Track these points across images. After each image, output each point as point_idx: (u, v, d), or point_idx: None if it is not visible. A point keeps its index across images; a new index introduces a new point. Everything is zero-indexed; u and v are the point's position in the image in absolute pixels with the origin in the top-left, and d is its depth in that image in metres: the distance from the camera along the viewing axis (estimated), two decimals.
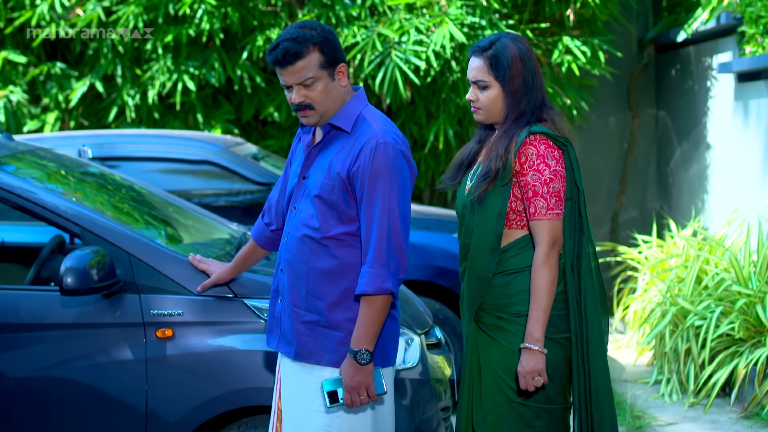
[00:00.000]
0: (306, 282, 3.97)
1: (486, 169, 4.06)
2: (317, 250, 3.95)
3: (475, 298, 4.13)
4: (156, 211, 5.52)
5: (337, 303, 3.96)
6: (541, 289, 3.99)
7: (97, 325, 4.61)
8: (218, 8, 8.96)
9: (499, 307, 4.09)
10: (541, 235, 4.03)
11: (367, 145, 3.89)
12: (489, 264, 4.09)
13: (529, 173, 4.04)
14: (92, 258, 4.49)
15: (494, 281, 4.10)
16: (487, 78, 4.12)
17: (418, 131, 9.47)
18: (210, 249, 5.12)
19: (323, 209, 3.94)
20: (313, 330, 3.97)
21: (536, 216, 4.03)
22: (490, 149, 4.10)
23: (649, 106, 11.18)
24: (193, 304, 4.60)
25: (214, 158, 7.37)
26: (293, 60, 3.85)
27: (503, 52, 4.10)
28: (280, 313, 4.05)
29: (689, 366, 7.28)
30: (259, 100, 9.53)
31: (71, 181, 5.40)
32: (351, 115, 3.98)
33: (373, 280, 3.84)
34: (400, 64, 8.48)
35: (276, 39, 3.91)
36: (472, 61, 4.13)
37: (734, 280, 7.31)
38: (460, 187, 4.25)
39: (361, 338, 3.87)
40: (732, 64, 8.58)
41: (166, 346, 4.59)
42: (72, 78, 9.67)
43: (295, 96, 3.91)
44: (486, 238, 4.09)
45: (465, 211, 4.15)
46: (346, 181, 3.91)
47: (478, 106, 4.15)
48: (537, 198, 4.03)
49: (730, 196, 9.02)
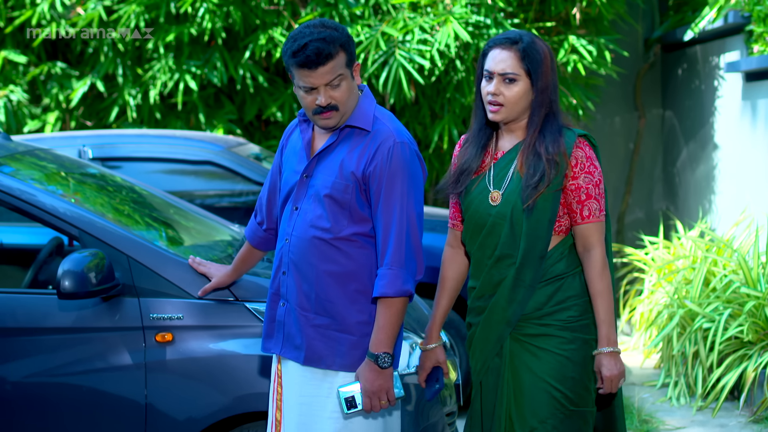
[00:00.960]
0: (315, 285, 3.89)
1: (539, 175, 3.86)
2: (327, 251, 3.87)
3: (516, 311, 3.94)
4: (157, 212, 5.46)
5: (348, 305, 3.89)
6: (607, 291, 3.90)
7: (96, 329, 4.56)
8: (220, 7, 8.91)
9: (544, 315, 3.93)
10: (595, 237, 3.93)
11: (384, 145, 3.83)
12: (537, 273, 3.92)
13: (581, 176, 3.91)
14: (90, 261, 4.43)
15: (537, 289, 3.95)
16: (517, 71, 3.89)
17: (423, 131, 9.42)
18: (211, 251, 5.06)
19: (334, 209, 3.86)
20: (324, 334, 3.89)
21: (590, 219, 3.92)
22: (529, 154, 3.89)
23: (655, 106, 11.14)
24: (193, 307, 4.54)
25: (216, 159, 7.32)
26: (326, 61, 3.76)
27: (534, 46, 3.90)
28: (284, 317, 3.96)
29: (697, 369, 7.23)
30: (262, 99, 9.47)
31: (71, 183, 5.35)
32: (367, 114, 3.90)
33: (394, 282, 3.79)
34: (404, 64, 8.44)
35: (297, 40, 3.78)
36: (499, 53, 3.90)
37: (743, 282, 7.25)
38: (476, 197, 3.98)
39: (381, 341, 3.80)
40: (740, 63, 8.52)
41: (166, 350, 4.53)
42: (73, 78, 9.62)
43: (323, 98, 3.80)
44: (537, 246, 3.91)
45: (499, 220, 3.93)
46: (360, 180, 3.84)
47: (500, 102, 3.89)
48: (591, 200, 3.92)
49: (738, 197, 8.96)
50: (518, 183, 3.91)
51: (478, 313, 4.04)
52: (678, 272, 8.02)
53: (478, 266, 4.02)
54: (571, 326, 3.92)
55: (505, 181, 3.95)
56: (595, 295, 3.92)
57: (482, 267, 4.00)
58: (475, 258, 4.04)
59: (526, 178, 3.88)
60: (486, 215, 3.96)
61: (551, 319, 3.93)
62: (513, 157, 3.96)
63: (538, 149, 3.89)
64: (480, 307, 4.04)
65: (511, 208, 3.91)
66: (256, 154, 7.71)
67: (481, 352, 4.03)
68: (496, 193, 3.95)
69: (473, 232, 4.01)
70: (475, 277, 4.05)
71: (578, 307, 3.94)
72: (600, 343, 3.92)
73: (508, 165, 3.96)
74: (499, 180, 3.95)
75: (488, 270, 3.97)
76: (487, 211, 3.96)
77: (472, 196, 3.99)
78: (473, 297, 4.06)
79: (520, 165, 3.92)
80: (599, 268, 3.91)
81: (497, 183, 3.96)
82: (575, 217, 3.93)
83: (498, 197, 3.95)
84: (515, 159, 3.95)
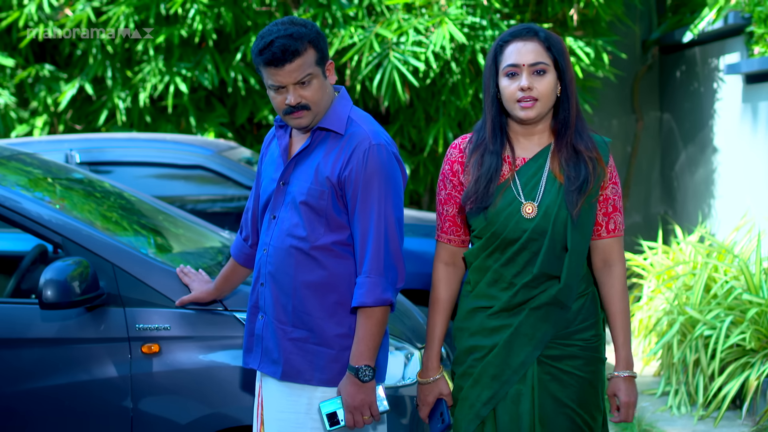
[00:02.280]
0: (292, 296, 3.75)
1: (583, 176, 3.58)
2: (304, 261, 3.74)
3: (548, 332, 3.64)
4: (145, 219, 5.37)
5: (327, 318, 3.75)
6: (627, 310, 3.69)
7: (80, 341, 4.45)
8: (211, 8, 8.84)
9: (570, 334, 3.66)
10: (618, 253, 3.70)
11: (360, 147, 3.69)
12: (576, 291, 3.66)
13: (609, 186, 3.67)
14: (74, 269, 4.32)
15: None
16: (547, 61, 3.59)
17: (417, 135, 9.35)
18: (200, 259, 4.96)
19: (310, 217, 3.72)
20: (302, 348, 3.76)
21: (616, 232, 3.70)
22: (567, 153, 3.62)
23: (653, 109, 11.10)
24: (180, 318, 4.42)
25: (206, 163, 7.25)
26: (292, 58, 3.63)
27: (553, 36, 3.61)
28: (262, 331, 3.83)
29: (698, 377, 7.12)
30: (254, 102, 9.41)
31: (57, 189, 5.26)
32: (341, 116, 3.77)
33: (372, 290, 3.64)
34: (399, 66, 8.37)
35: (264, 37, 3.67)
36: (523, 44, 3.59)
37: (744, 289, 7.15)
38: (504, 210, 3.63)
39: (361, 353, 3.66)
40: (740, 65, 8.45)
41: (153, 362, 4.42)
42: (61, 80, 9.55)
43: (291, 97, 3.67)
44: (581, 262, 3.65)
45: (536, 236, 3.60)
46: (336, 185, 3.70)
47: (534, 96, 3.57)
48: (616, 213, 3.69)
49: (738, 201, 8.87)
50: (558, 193, 3.61)
51: (493, 333, 3.69)
52: (678, 278, 7.92)
53: (497, 283, 3.68)
54: (593, 346, 3.69)
55: (538, 190, 3.63)
56: (615, 314, 3.69)
57: (505, 285, 3.67)
58: (492, 275, 3.68)
59: (568, 182, 3.59)
60: (519, 230, 3.61)
61: (576, 339, 3.67)
62: (542, 163, 3.65)
63: (577, 147, 3.62)
64: (497, 327, 3.69)
65: (552, 221, 3.59)
66: (247, 158, 7.65)
67: (495, 378, 3.67)
68: (530, 205, 3.62)
69: (497, 248, 3.66)
70: (489, 296, 3.69)
71: (597, 325, 3.72)
72: (618, 365, 3.69)
73: (539, 172, 3.64)
74: (531, 190, 3.63)
75: (517, 290, 3.64)
76: (519, 226, 3.61)
77: (499, 209, 3.63)
78: (486, 316, 3.70)
79: (556, 169, 3.63)
80: (621, 285, 3.69)
81: (528, 193, 3.63)
82: (600, 230, 3.69)
83: (533, 210, 3.62)
84: (546, 164, 3.65)
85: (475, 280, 3.73)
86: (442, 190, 3.78)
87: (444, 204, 3.78)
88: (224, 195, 7.32)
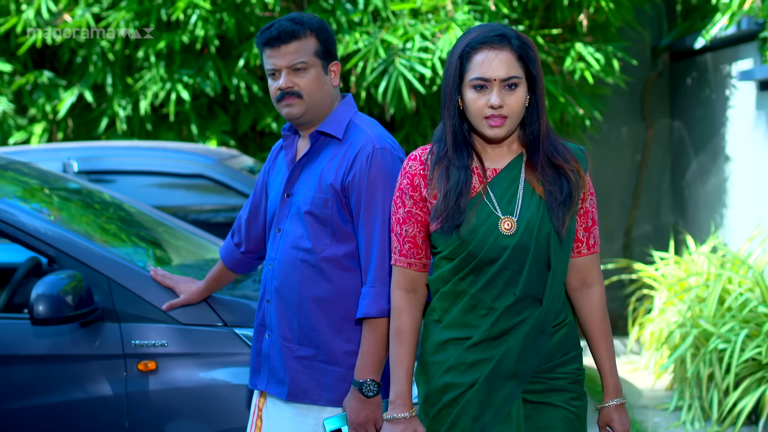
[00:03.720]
0: (298, 312, 3.63)
1: (566, 190, 3.28)
2: (311, 275, 3.61)
3: (531, 364, 3.31)
4: (145, 231, 5.29)
5: (334, 334, 3.61)
6: (610, 333, 3.40)
7: (73, 357, 4.34)
8: (213, 14, 8.71)
9: (555, 367, 3.35)
10: (597, 271, 3.40)
11: (363, 151, 3.57)
12: (555, 316, 3.34)
13: (589, 198, 3.36)
14: (67, 283, 4.22)
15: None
16: (519, 74, 3.23)
17: (423, 142, 9.22)
18: (201, 271, 4.83)
19: (315, 227, 3.60)
20: (309, 366, 3.63)
21: (595, 248, 3.39)
22: (543, 166, 3.28)
23: (663, 116, 10.99)
24: (178, 333, 4.30)
25: (207, 172, 7.16)
26: (288, 39, 3.58)
27: (525, 41, 3.26)
28: (269, 350, 3.71)
29: (712, 392, 7.00)
30: (257, 110, 9.27)
31: (54, 199, 5.18)
32: (341, 120, 3.65)
33: (377, 300, 3.51)
34: (405, 72, 8.22)
35: (268, 23, 3.66)
36: (495, 54, 3.22)
37: (760, 301, 7.04)
38: (480, 227, 3.28)
39: (365, 367, 3.52)
40: (754, 72, 8.32)
41: (149, 379, 4.30)
42: (60, 87, 9.41)
43: (282, 81, 3.60)
44: (562, 282, 3.34)
45: (518, 254, 3.26)
46: (340, 192, 3.58)
47: (505, 114, 3.22)
48: (595, 227, 3.39)
49: (752, 211, 8.74)
50: (538, 204, 3.29)
51: (472, 368, 3.31)
52: (690, 290, 7.79)
53: (475, 310, 3.30)
54: (578, 380, 3.39)
55: (515, 204, 3.29)
56: (598, 338, 3.40)
57: (484, 312, 3.29)
58: (469, 301, 3.30)
59: (551, 197, 3.28)
60: (498, 248, 3.26)
61: (560, 373, 3.36)
62: (517, 174, 3.32)
63: (554, 161, 3.30)
64: (477, 362, 3.30)
65: (534, 236, 3.26)
66: (249, 167, 7.57)
67: (476, 420, 3.29)
68: (509, 219, 3.28)
69: (473, 269, 3.29)
70: (466, 324, 3.31)
71: (579, 357, 3.42)
72: (607, 394, 3.41)
73: (514, 183, 3.31)
74: (507, 203, 3.29)
75: (498, 315, 3.27)
76: (498, 243, 3.26)
77: (474, 226, 3.27)
78: (463, 349, 3.31)
79: (533, 180, 3.30)
80: (602, 306, 3.40)
81: (505, 207, 3.29)
82: (580, 247, 3.38)
83: (512, 225, 3.27)
84: (521, 175, 3.32)
85: (444, 308, 3.35)
86: (401, 207, 3.37)
87: (402, 224, 3.37)
88: (226, 205, 7.24)
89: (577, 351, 3.40)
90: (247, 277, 4.85)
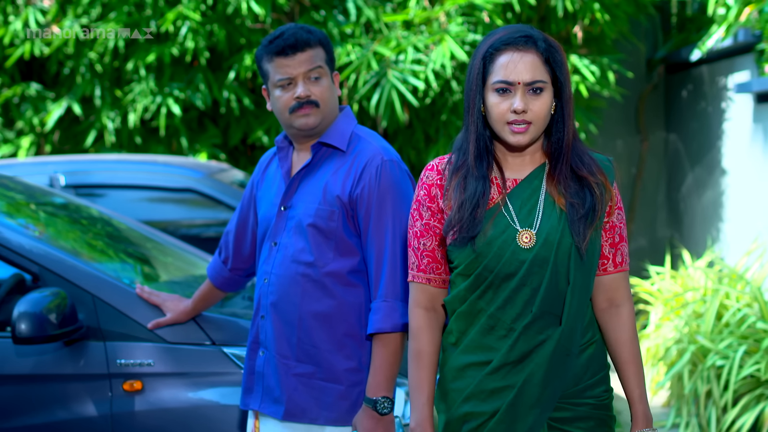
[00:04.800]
0: (297, 328, 3.54)
1: (589, 203, 3.10)
2: (311, 290, 3.53)
3: (557, 389, 3.11)
4: (133, 247, 5.23)
5: (335, 351, 3.53)
6: (640, 357, 3.17)
7: (57, 377, 4.25)
8: (203, 26, 8.66)
9: (581, 390, 3.15)
10: (626, 290, 3.19)
11: (372, 163, 3.50)
12: (581, 335, 3.15)
13: (615, 212, 3.17)
14: (51, 301, 4.13)
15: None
16: (545, 78, 3.05)
17: (416, 156, 9.19)
18: (189, 288, 4.76)
19: (318, 240, 3.51)
20: (307, 384, 3.54)
21: (623, 266, 3.19)
22: (566, 178, 3.12)
23: (658, 129, 10.99)
24: (165, 352, 4.22)
25: (197, 186, 7.06)
26: (303, 46, 3.53)
27: (552, 44, 3.09)
28: (263, 368, 3.62)
29: (710, 409, 6.92)
30: (248, 123, 9.22)
31: (40, 215, 5.11)
32: (343, 132, 3.58)
33: (390, 315, 3.44)
34: (397, 85, 8.17)
35: (275, 33, 3.58)
36: (520, 56, 3.05)
37: (759, 317, 6.94)
38: (497, 239, 3.11)
39: (379, 384, 3.44)
40: (752, 84, 8.26)
41: (135, 400, 4.21)
42: (48, 100, 9.36)
43: (301, 89, 3.51)
44: (584, 299, 3.13)
45: (536, 269, 3.09)
46: (347, 205, 3.50)
47: (529, 120, 3.06)
48: (623, 244, 3.19)
49: (749, 225, 8.67)
50: (559, 217, 3.11)
51: (494, 396, 3.13)
52: (687, 305, 7.72)
53: (494, 331, 3.13)
54: (604, 404, 3.19)
55: (536, 216, 3.12)
56: (627, 363, 3.18)
57: (503, 333, 3.12)
58: (488, 321, 3.13)
59: (572, 209, 3.10)
60: (516, 262, 3.08)
61: (587, 397, 3.16)
62: (538, 185, 3.15)
63: (579, 172, 3.13)
64: (498, 389, 3.12)
65: (554, 250, 3.08)
66: (240, 180, 7.49)
67: None
68: (528, 232, 3.10)
69: (490, 286, 3.12)
70: (485, 347, 3.14)
71: (607, 378, 3.24)
72: (636, 423, 3.19)
73: (534, 195, 3.14)
74: (527, 215, 3.12)
75: (517, 336, 3.09)
76: (516, 257, 3.08)
77: (490, 238, 3.10)
78: (483, 375, 3.14)
79: (554, 192, 3.13)
80: (631, 328, 3.18)
81: (524, 219, 3.12)
82: (605, 264, 3.19)
83: (531, 238, 3.09)
84: (542, 186, 3.15)
85: (461, 330, 3.17)
86: (418, 220, 3.20)
87: (420, 237, 3.20)
88: (216, 219, 7.14)
89: (605, 372, 3.21)
90: (236, 294, 4.78)
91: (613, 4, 8.83)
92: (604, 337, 3.22)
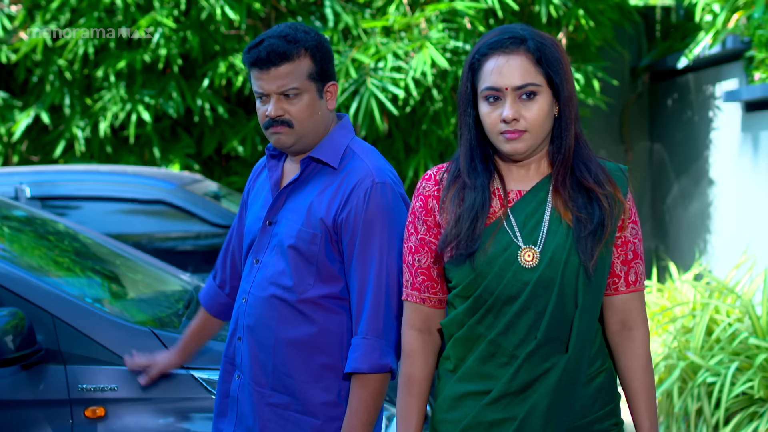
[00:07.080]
0: (273, 355, 3.29)
1: (597, 218, 2.85)
2: (289, 315, 3.27)
3: (562, 421, 2.87)
4: (100, 264, 5.06)
5: (312, 382, 3.28)
6: (654, 386, 2.93)
7: (14, 403, 4.05)
8: (176, 32, 8.55)
9: (586, 426, 2.89)
10: (641, 312, 2.92)
11: (361, 186, 3.23)
12: (589, 362, 2.90)
13: (629, 226, 2.90)
14: (7, 322, 3.94)
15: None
16: (537, 80, 2.80)
17: (396, 166, 9.10)
18: (157, 307, 4.63)
19: (298, 264, 3.26)
20: (282, 415, 3.30)
21: (638, 285, 2.91)
22: (571, 190, 2.87)
23: (642, 139, 10.98)
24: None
25: (168, 197, 6.91)
26: (278, 61, 3.21)
27: (545, 42, 2.84)
28: (237, 392, 3.38)
29: (701, 428, 6.77)
30: (222, 132, 9.14)
31: (4, 230, 4.96)
32: (337, 147, 3.31)
33: (369, 354, 3.18)
34: (377, 93, 8.08)
35: (260, 36, 3.27)
36: (506, 60, 2.82)
37: (751, 332, 6.77)
38: (498, 257, 2.88)
39: (353, 429, 3.20)
40: (740, 92, 8.17)
41: (97, 427, 4.02)
42: (15, 108, 9.24)
43: (272, 108, 3.22)
44: (592, 323, 2.88)
45: (541, 290, 2.85)
46: (331, 229, 3.24)
47: (523, 128, 2.80)
48: (637, 261, 2.91)
49: (738, 237, 8.58)
50: (566, 233, 2.87)
51: (492, 429, 2.90)
52: (676, 320, 7.57)
53: (494, 358, 2.89)
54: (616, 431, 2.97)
55: (540, 232, 2.87)
56: (638, 392, 2.93)
57: (504, 360, 2.88)
58: (488, 347, 2.89)
59: (579, 225, 2.86)
60: (518, 283, 2.84)
61: (597, 430, 2.92)
62: (543, 197, 2.90)
63: (585, 182, 2.88)
64: (497, 422, 2.87)
65: (561, 270, 2.83)
66: (214, 192, 7.34)
67: None
68: (531, 250, 2.85)
69: (490, 309, 2.88)
70: (484, 375, 2.91)
71: (617, 410, 2.99)
72: None
73: (539, 208, 2.90)
74: (530, 231, 2.88)
75: (519, 364, 2.85)
76: (519, 278, 2.84)
77: (491, 257, 2.86)
78: (481, 406, 2.89)
79: (560, 206, 2.89)
80: (645, 355, 2.93)
81: (528, 235, 2.87)
82: (617, 283, 2.93)
83: (535, 256, 2.85)
84: (548, 199, 2.90)
85: (459, 356, 2.94)
86: (413, 234, 2.98)
87: (415, 253, 2.98)
88: (188, 232, 6.99)
89: (615, 403, 2.96)
90: None
91: (598, 11, 8.80)
92: (615, 362, 2.98)
